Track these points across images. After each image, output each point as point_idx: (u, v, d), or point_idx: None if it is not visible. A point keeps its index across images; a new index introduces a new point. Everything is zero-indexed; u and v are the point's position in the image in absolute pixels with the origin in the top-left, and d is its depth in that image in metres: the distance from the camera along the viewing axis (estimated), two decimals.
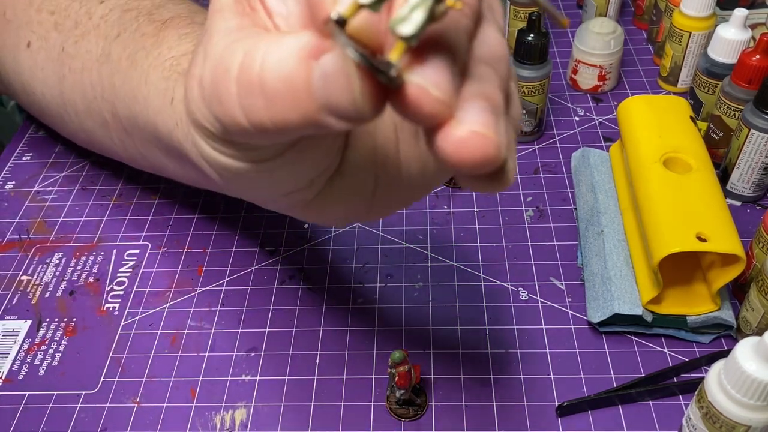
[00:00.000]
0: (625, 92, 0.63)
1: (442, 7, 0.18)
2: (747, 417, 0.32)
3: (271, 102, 0.21)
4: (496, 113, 0.21)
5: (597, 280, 0.45)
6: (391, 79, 0.18)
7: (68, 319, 0.48)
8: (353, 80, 0.19)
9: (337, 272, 0.49)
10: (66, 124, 0.50)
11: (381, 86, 0.19)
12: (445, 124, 0.20)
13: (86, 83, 0.44)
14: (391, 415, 0.41)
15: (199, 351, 0.45)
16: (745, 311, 0.42)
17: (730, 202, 0.52)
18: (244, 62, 0.22)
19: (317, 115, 0.20)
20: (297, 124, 0.21)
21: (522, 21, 0.62)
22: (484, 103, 0.20)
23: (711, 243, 0.39)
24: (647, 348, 0.43)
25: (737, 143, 0.49)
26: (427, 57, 0.19)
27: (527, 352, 0.44)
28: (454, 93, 0.20)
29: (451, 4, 0.18)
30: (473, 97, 0.20)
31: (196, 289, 0.49)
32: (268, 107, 0.21)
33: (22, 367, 0.45)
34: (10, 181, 0.59)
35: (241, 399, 0.43)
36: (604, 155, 0.53)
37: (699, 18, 0.56)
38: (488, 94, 0.21)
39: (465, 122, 0.20)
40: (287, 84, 0.20)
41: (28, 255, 0.53)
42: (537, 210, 0.53)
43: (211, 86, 0.24)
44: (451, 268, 0.49)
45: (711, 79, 0.53)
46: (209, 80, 0.24)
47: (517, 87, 0.26)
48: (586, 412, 0.41)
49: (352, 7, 0.18)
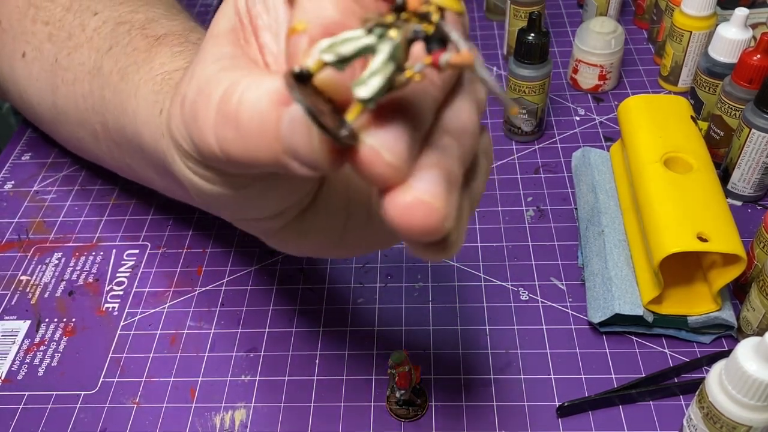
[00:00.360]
0: (625, 92, 0.62)
1: (403, 78, 0.19)
2: (748, 417, 0.32)
3: (243, 136, 0.22)
4: (450, 185, 0.21)
5: (597, 280, 0.45)
6: (339, 137, 0.19)
7: (67, 319, 0.48)
8: (312, 133, 0.20)
9: (337, 272, 0.49)
10: (59, 132, 0.51)
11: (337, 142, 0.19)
12: (394, 187, 0.20)
13: (78, 94, 0.44)
14: (391, 415, 0.41)
15: (199, 351, 0.45)
16: (746, 311, 0.41)
17: (730, 202, 0.52)
18: (226, 93, 0.22)
19: (282, 158, 0.21)
20: (264, 161, 0.22)
21: (522, 20, 0.62)
22: (438, 173, 0.21)
23: (712, 243, 0.39)
24: (648, 348, 0.43)
25: (738, 143, 0.49)
26: (388, 121, 0.20)
27: (527, 352, 0.44)
28: (407, 159, 0.20)
29: (410, 75, 0.19)
30: (429, 166, 0.21)
31: (196, 289, 0.49)
32: (240, 141, 0.22)
33: (22, 368, 0.45)
34: (10, 181, 0.59)
35: (240, 399, 0.43)
36: (605, 155, 0.52)
37: (700, 17, 0.56)
38: (445, 165, 0.21)
39: (413, 189, 0.20)
40: (259, 123, 0.21)
41: (27, 255, 0.53)
42: (537, 210, 0.53)
43: (191, 108, 0.25)
44: (451, 268, 0.49)
45: (712, 79, 0.53)
46: (191, 101, 0.24)
47: (490, 163, 0.26)
48: (587, 413, 0.41)
49: (318, 63, 0.19)
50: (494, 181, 0.55)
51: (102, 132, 0.44)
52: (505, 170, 0.56)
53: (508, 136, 0.59)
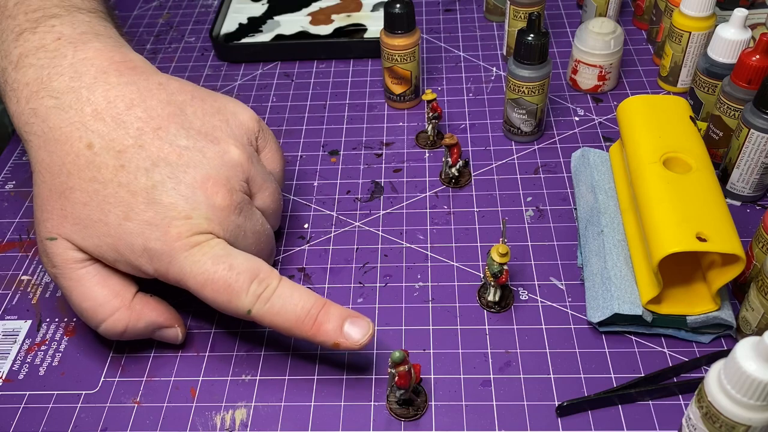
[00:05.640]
0: (625, 92, 0.63)
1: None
2: (747, 417, 0.32)
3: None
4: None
5: (597, 280, 0.45)
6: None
7: (68, 319, 0.48)
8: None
9: (337, 272, 0.49)
10: None
11: None
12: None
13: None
14: (391, 415, 0.41)
15: (199, 351, 0.45)
16: (745, 311, 0.42)
17: (729, 202, 0.52)
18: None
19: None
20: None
21: (522, 21, 0.62)
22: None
23: (711, 243, 0.39)
24: (647, 348, 0.44)
25: (737, 143, 0.49)
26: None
27: (527, 352, 0.44)
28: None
29: None
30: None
31: None
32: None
33: (23, 367, 0.46)
34: (10, 181, 0.59)
35: (241, 399, 0.43)
36: (604, 155, 0.53)
37: (699, 18, 0.56)
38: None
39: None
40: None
41: (28, 255, 0.53)
42: (537, 210, 0.53)
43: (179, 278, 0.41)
44: (451, 268, 0.49)
45: (711, 79, 0.53)
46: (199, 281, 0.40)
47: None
48: (586, 412, 0.41)
49: None
50: (494, 181, 0.55)
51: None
52: (504, 170, 0.56)
53: (508, 137, 0.59)
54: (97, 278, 0.42)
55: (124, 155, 0.40)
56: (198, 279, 0.39)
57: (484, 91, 0.64)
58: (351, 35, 0.69)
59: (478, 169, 0.57)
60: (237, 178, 0.42)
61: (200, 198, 0.40)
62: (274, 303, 0.40)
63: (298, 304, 0.40)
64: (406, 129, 0.61)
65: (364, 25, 0.70)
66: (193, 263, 0.39)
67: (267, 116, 0.63)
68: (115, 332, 0.42)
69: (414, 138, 0.60)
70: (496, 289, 0.45)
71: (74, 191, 0.40)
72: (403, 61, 0.59)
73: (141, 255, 0.40)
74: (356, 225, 0.53)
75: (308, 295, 0.40)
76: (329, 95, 0.65)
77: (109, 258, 0.41)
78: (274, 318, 0.40)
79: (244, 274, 0.39)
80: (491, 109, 0.62)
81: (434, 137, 0.59)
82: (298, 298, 0.40)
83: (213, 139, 0.42)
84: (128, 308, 0.42)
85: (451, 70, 0.67)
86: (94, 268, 0.42)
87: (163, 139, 0.41)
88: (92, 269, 0.42)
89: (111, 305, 0.42)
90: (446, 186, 0.55)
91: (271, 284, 0.40)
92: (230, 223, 0.41)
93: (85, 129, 0.40)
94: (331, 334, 0.40)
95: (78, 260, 0.41)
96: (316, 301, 0.40)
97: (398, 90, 0.61)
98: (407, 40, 0.58)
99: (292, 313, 0.40)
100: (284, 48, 0.69)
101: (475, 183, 0.55)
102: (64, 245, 0.41)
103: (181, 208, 0.40)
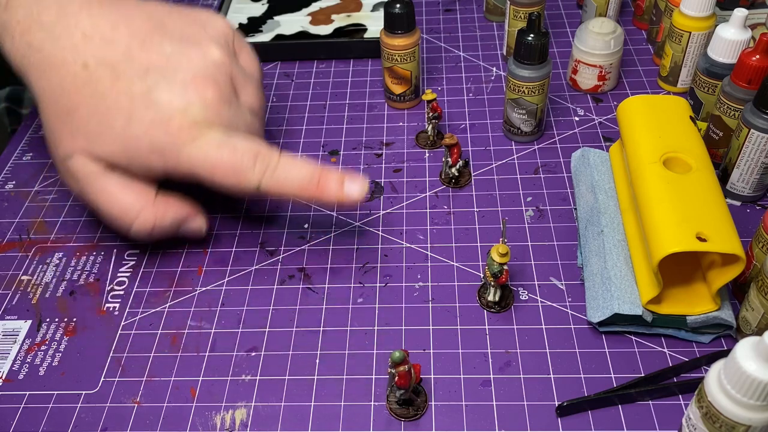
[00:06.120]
0: (625, 92, 0.63)
1: None
2: (747, 417, 0.32)
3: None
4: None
5: (597, 280, 0.45)
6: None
7: (68, 319, 0.48)
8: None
9: (337, 272, 0.49)
10: None
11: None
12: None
13: None
14: (391, 415, 0.41)
15: (199, 351, 0.45)
16: (745, 311, 0.42)
17: (729, 202, 0.52)
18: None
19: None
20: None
21: (522, 21, 0.62)
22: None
23: (711, 243, 0.39)
24: (647, 348, 0.44)
25: (737, 143, 0.49)
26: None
27: (527, 352, 0.44)
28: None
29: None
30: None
31: (196, 289, 0.49)
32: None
33: (23, 367, 0.46)
34: (11, 181, 0.59)
35: (241, 399, 0.43)
36: (604, 155, 0.53)
37: (699, 18, 0.56)
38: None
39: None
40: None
41: (28, 255, 0.53)
42: (537, 210, 0.53)
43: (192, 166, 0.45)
44: (451, 268, 0.49)
45: (711, 79, 0.53)
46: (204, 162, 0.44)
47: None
48: (586, 412, 0.41)
49: None
50: (494, 181, 0.55)
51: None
52: (504, 170, 0.56)
53: (508, 137, 0.59)
54: (119, 185, 0.46)
55: (117, 68, 0.44)
56: (206, 165, 0.44)
57: (484, 91, 0.64)
58: (351, 35, 0.70)
59: (478, 169, 0.57)
60: (222, 75, 0.46)
61: (192, 95, 0.44)
62: (279, 174, 0.44)
63: (300, 172, 0.45)
64: (406, 129, 0.61)
65: (364, 25, 0.70)
66: (199, 151, 0.44)
67: (267, 116, 0.63)
68: (145, 231, 0.47)
69: (414, 138, 0.60)
70: (496, 289, 0.45)
71: (78, 108, 0.44)
72: (403, 61, 0.59)
73: (151, 154, 0.44)
74: (356, 225, 0.53)
75: (308, 163, 0.45)
76: (329, 95, 0.65)
77: (123, 163, 0.45)
78: (282, 187, 0.45)
79: (247, 154, 0.44)
80: (491, 109, 0.62)
81: (434, 137, 0.59)
82: (299, 166, 0.45)
83: (194, 43, 0.46)
84: (153, 207, 0.47)
85: (451, 70, 0.67)
86: (114, 177, 0.46)
87: (150, 50, 0.45)
88: (113, 178, 0.46)
89: (136, 207, 0.46)
90: (446, 186, 0.55)
91: (273, 159, 0.45)
92: (223, 115, 0.45)
93: (77, 52, 0.44)
94: (333, 192, 0.45)
95: (97, 171, 0.45)
96: (315, 167, 0.45)
97: (398, 90, 0.61)
98: (407, 40, 0.58)
99: (297, 180, 0.45)
100: (284, 48, 0.69)
101: (475, 183, 0.55)
102: (82, 160, 0.45)
103: (177, 104, 0.44)
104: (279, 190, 0.45)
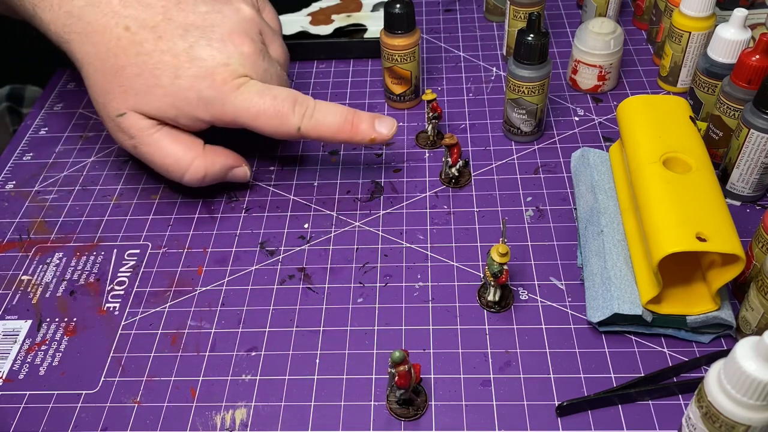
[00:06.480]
0: (624, 92, 0.63)
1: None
2: (746, 416, 0.32)
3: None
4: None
5: (597, 279, 0.45)
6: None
7: (68, 318, 0.48)
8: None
9: (337, 272, 0.49)
10: None
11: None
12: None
13: None
14: (391, 415, 0.41)
15: (199, 351, 0.45)
16: (745, 311, 0.42)
17: (729, 202, 0.52)
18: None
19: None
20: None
21: (522, 21, 0.62)
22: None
23: (711, 243, 0.39)
24: (647, 348, 0.44)
25: (737, 143, 0.49)
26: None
27: (527, 352, 0.44)
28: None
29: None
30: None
31: (196, 289, 0.49)
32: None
33: (23, 367, 0.46)
34: (11, 181, 0.59)
35: (241, 399, 0.43)
36: (604, 155, 0.53)
37: (699, 18, 0.56)
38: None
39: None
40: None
41: (28, 255, 0.53)
42: (537, 210, 0.53)
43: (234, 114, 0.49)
44: (451, 268, 0.49)
45: (710, 79, 0.53)
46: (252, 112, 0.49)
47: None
48: (586, 412, 0.41)
49: None
50: (494, 181, 0.55)
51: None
52: (504, 170, 0.56)
53: (508, 137, 0.59)
54: (170, 138, 0.50)
55: (158, 29, 0.47)
56: (251, 112, 0.48)
57: (484, 91, 0.64)
58: (351, 35, 0.69)
59: (478, 169, 0.57)
60: (253, 30, 0.50)
61: (231, 49, 0.48)
62: (317, 117, 0.49)
63: (336, 114, 0.50)
64: (406, 129, 0.61)
65: (364, 25, 0.70)
66: (243, 100, 0.48)
67: None
68: (197, 178, 0.51)
69: (414, 138, 0.60)
70: (496, 289, 0.45)
71: (126, 68, 0.47)
72: (403, 61, 0.59)
73: (197, 105, 0.48)
74: (356, 225, 0.53)
75: (341, 107, 0.50)
76: (329, 95, 0.65)
77: (171, 115, 0.49)
78: (319, 129, 0.49)
79: (286, 100, 0.49)
80: (491, 109, 0.62)
81: (434, 137, 0.59)
82: (334, 109, 0.50)
83: (225, 2, 0.51)
84: (203, 156, 0.51)
85: (451, 70, 0.67)
86: (165, 131, 0.50)
87: (186, 9, 0.49)
88: (163, 132, 0.50)
89: (188, 157, 0.50)
90: (446, 186, 0.55)
91: (309, 104, 0.50)
92: (259, 66, 0.49)
93: (118, 16, 0.48)
94: (367, 131, 0.50)
95: (149, 126, 0.49)
96: (348, 109, 0.51)
97: (398, 90, 0.61)
98: (407, 40, 0.58)
99: (333, 122, 0.50)
100: None
101: (475, 183, 0.55)
102: (134, 117, 0.49)
103: (219, 58, 0.48)
104: (317, 133, 0.49)
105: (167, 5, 0.48)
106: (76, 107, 0.67)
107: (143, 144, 0.50)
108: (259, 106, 0.48)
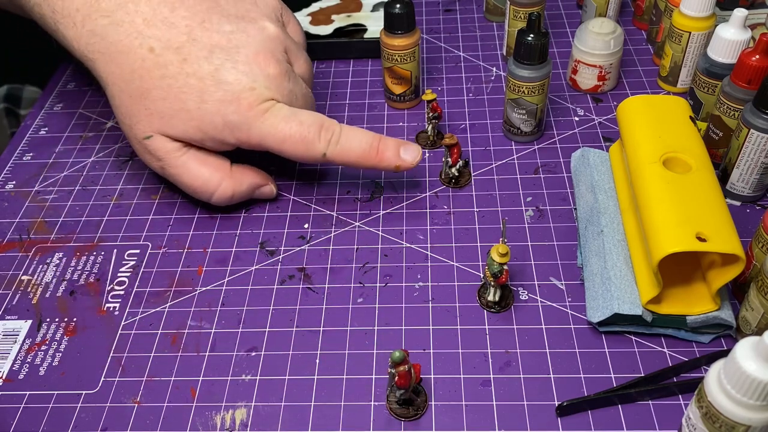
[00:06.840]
0: (624, 92, 0.63)
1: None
2: (746, 417, 0.32)
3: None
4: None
5: (597, 279, 0.45)
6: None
7: (68, 318, 0.48)
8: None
9: (337, 272, 0.49)
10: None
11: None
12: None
13: None
14: (391, 415, 0.41)
15: (199, 351, 0.45)
16: (745, 311, 0.42)
17: (729, 202, 0.52)
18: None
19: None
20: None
21: (522, 21, 0.62)
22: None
23: (711, 243, 0.39)
24: (647, 348, 0.44)
25: (737, 143, 0.49)
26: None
27: (527, 352, 0.44)
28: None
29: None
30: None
31: (196, 289, 0.49)
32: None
33: (23, 367, 0.46)
34: (11, 181, 0.59)
35: (241, 399, 0.43)
36: (604, 155, 0.53)
37: (698, 18, 0.56)
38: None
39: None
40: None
41: (28, 255, 0.53)
42: (537, 210, 0.53)
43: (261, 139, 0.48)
44: (451, 268, 0.49)
45: (710, 79, 0.53)
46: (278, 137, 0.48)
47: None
48: (586, 412, 0.41)
49: None
50: (494, 181, 0.55)
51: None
52: (504, 170, 0.56)
53: (508, 137, 0.59)
54: (197, 160, 0.50)
55: (183, 50, 0.46)
56: (277, 137, 0.48)
57: (484, 91, 0.64)
58: (351, 35, 0.69)
59: (478, 169, 0.57)
60: (279, 50, 0.49)
61: (257, 71, 0.47)
62: (342, 143, 0.49)
63: (362, 141, 0.49)
64: (406, 129, 0.61)
65: (364, 25, 0.70)
66: (270, 126, 0.47)
67: None
68: (225, 198, 0.51)
69: (414, 138, 0.60)
70: (496, 289, 0.45)
71: (151, 91, 0.47)
72: (403, 61, 0.59)
73: (223, 129, 0.47)
74: (356, 225, 0.53)
75: (366, 133, 0.50)
76: (329, 95, 0.65)
77: (197, 139, 0.48)
78: (345, 155, 0.49)
79: (312, 126, 0.48)
80: (491, 109, 0.62)
81: (434, 137, 0.59)
82: (360, 135, 0.50)
83: (250, 20, 0.49)
84: (230, 177, 0.51)
85: (451, 70, 0.67)
86: (192, 153, 0.50)
87: (210, 29, 0.47)
88: (191, 154, 0.49)
89: (216, 178, 0.50)
90: (446, 186, 0.55)
91: (335, 129, 0.49)
92: (284, 88, 0.49)
93: (142, 37, 0.47)
94: (392, 159, 0.50)
95: (176, 149, 0.49)
96: (373, 135, 0.50)
97: (398, 90, 0.61)
98: (407, 40, 0.58)
99: (358, 148, 0.49)
100: None
101: (475, 183, 0.55)
102: (160, 139, 0.48)
103: (244, 82, 0.47)
104: (342, 158, 0.49)
105: (191, 24, 0.47)
106: (76, 107, 0.67)
107: (171, 166, 0.49)
108: (285, 132, 0.47)
